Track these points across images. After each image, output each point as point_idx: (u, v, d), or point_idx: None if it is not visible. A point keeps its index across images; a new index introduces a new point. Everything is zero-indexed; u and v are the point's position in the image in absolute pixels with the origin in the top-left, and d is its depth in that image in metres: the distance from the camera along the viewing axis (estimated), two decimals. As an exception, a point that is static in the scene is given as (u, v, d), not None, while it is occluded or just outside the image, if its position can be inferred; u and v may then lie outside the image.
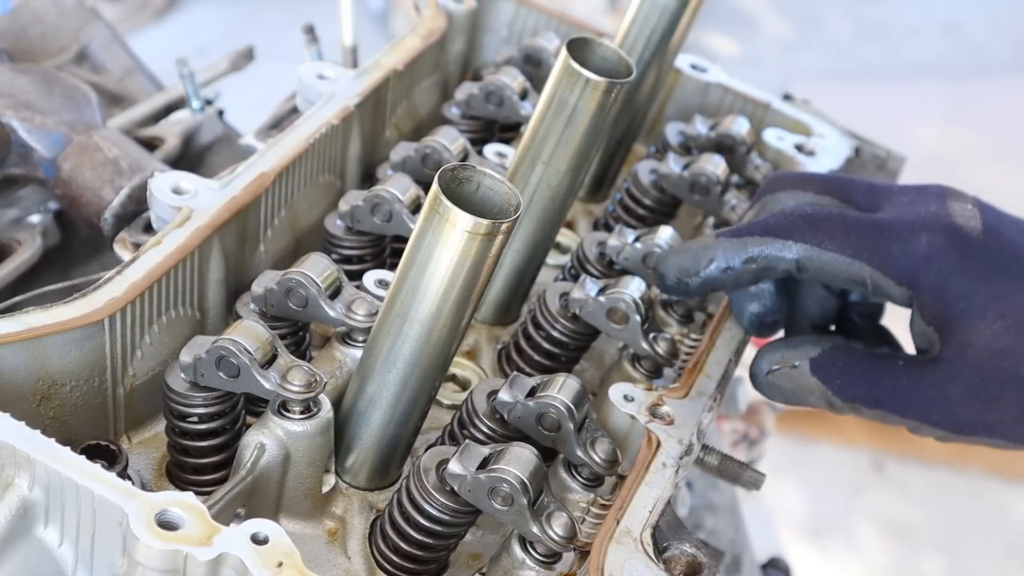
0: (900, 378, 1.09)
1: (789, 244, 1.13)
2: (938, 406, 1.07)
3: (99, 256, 1.50)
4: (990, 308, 1.08)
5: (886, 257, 1.11)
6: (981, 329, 1.07)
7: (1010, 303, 1.08)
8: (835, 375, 1.11)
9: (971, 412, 1.06)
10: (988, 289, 1.08)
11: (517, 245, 1.26)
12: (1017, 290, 1.08)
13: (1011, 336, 1.06)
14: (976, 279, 1.09)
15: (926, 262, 1.10)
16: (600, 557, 0.97)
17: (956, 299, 1.08)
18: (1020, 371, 1.05)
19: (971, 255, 1.10)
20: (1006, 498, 3.94)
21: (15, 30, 1.65)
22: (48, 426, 1.05)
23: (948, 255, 1.10)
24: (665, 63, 1.41)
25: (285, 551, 0.86)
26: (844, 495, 3.92)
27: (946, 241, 1.10)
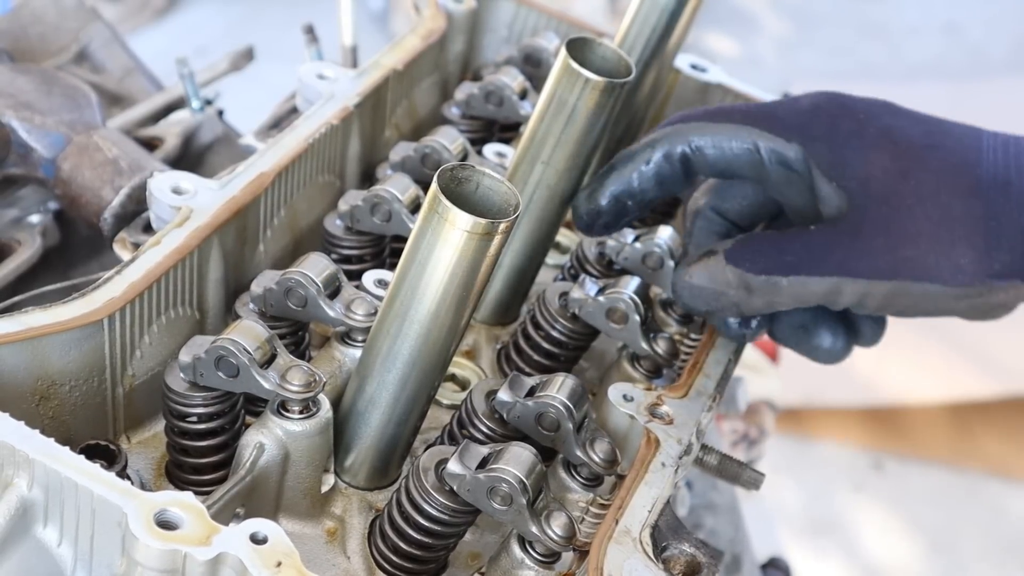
0: (811, 239, 1.09)
1: (679, 127, 1.14)
2: (853, 254, 1.06)
3: (99, 256, 1.50)
4: (883, 139, 1.08)
5: (773, 120, 1.12)
6: (877, 158, 1.07)
7: (901, 134, 1.09)
8: (747, 256, 1.11)
9: (886, 249, 1.05)
10: (878, 126, 1.09)
11: (517, 245, 1.26)
12: (907, 125, 1.10)
13: (908, 158, 1.07)
14: (863, 120, 1.10)
15: (812, 114, 1.11)
16: (599, 557, 0.97)
17: (847, 136, 1.09)
18: (923, 189, 1.05)
19: (855, 105, 1.12)
20: (1006, 498, 3.94)
21: (15, 30, 1.65)
22: (47, 426, 1.05)
23: (832, 105, 1.12)
24: (665, 63, 1.41)
25: (284, 551, 0.86)
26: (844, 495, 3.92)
27: (829, 98, 1.13)
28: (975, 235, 1.04)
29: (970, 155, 1.07)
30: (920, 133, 1.10)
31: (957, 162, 1.07)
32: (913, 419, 3.96)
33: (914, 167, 1.07)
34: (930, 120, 1.12)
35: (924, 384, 3.90)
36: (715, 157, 1.14)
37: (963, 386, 3.88)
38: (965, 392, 3.87)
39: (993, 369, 3.90)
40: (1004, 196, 1.04)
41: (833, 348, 1.17)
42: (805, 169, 1.11)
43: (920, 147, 1.08)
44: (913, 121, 1.11)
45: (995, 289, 1.05)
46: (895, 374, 3.93)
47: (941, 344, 3.96)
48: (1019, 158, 1.06)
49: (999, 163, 1.06)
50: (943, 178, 1.06)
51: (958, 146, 1.08)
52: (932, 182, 1.06)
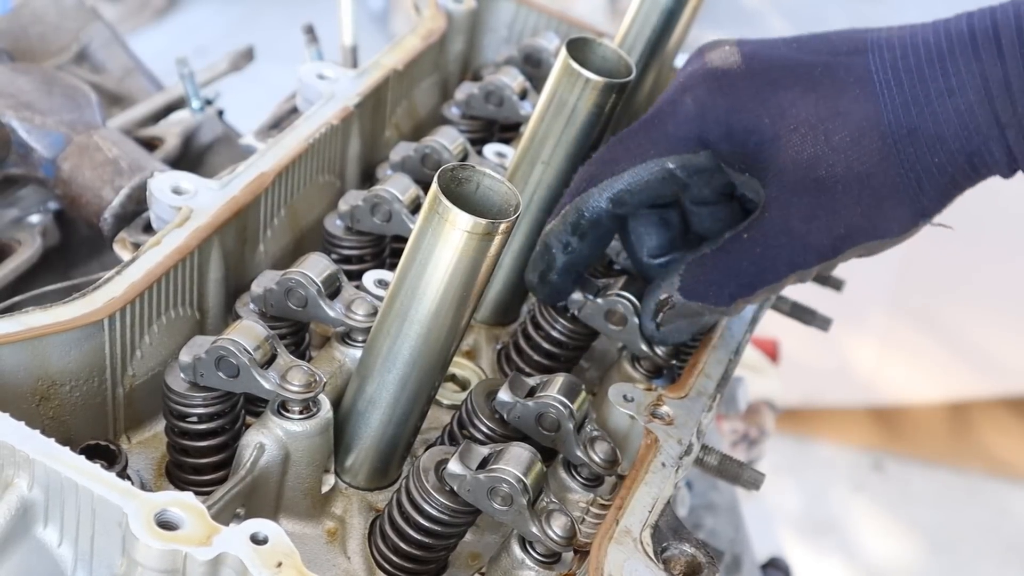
0: (752, 250, 1.09)
1: (592, 192, 1.13)
2: (794, 248, 1.07)
3: (99, 256, 1.50)
4: (779, 126, 1.07)
5: (668, 139, 1.11)
6: (782, 151, 1.06)
7: (795, 113, 1.07)
8: (703, 289, 1.12)
9: (822, 234, 1.07)
10: (768, 111, 1.07)
11: (517, 245, 1.26)
12: (795, 98, 1.07)
13: (811, 143, 1.06)
14: (753, 109, 1.08)
15: (702, 119, 1.09)
16: (600, 557, 0.97)
17: (745, 134, 1.08)
18: (837, 171, 1.05)
19: (739, 89, 1.09)
20: (1006, 498, 3.94)
21: (15, 30, 1.65)
22: (48, 426, 1.05)
23: (717, 101, 1.09)
24: (665, 63, 1.41)
25: (284, 551, 0.86)
26: (844, 495, 3.92)
27: (710, 89, 1.09)
28: (898, 190, 1.05)
29: (868, 108, 1.05)
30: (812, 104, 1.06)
31: (858, 126, 1.05)
32: (913, 419, 3.96)
33: (820, 152, 1.06)
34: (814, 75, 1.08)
35: (924, 384, 3.90)
36: (637, 197, 1.13)
37: (963, 386, 3.88)
38: (965, 392, 3.86)
39: (993, 369, 3.90)
40: (913, 144, 1.05)
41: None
42: (718, 169, 1.12)
43: (816, 122, 1.06)
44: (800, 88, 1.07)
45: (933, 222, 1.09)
46: (895, 374, 3.93)
47: (941, 344, 3.96)
48: (914, 92, 1.05)
49: (898, 107, 1.05)
50: (851, 152, 1.05)
51: (853, 103, 1.06)
52: (842, 160, 1.05)
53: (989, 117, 1.04)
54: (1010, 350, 3.90)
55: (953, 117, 1.04)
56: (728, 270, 1.11)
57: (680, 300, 1.13)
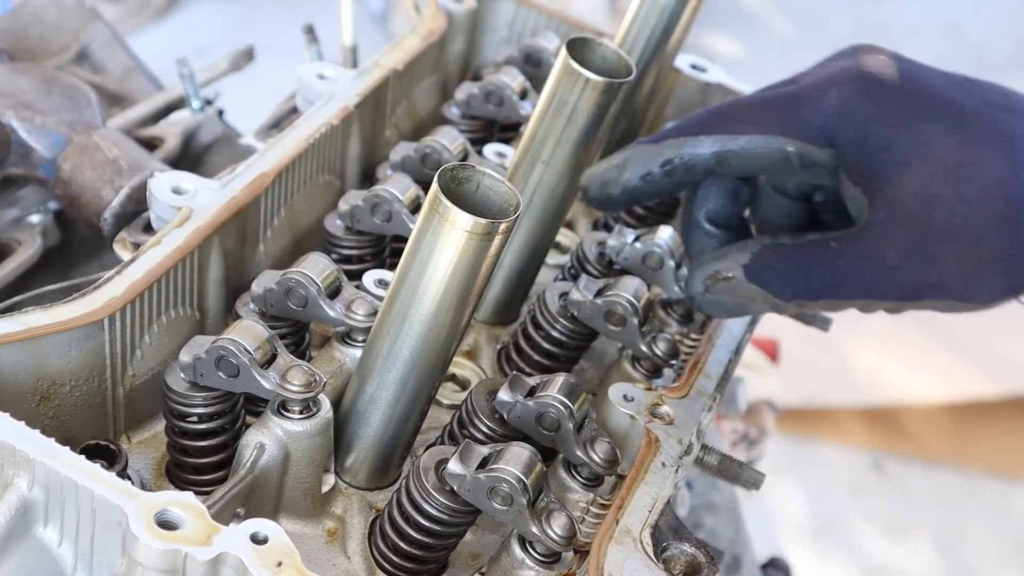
0: (835, 260, 1.05)
1: (701, 139, 1.10)
2: (879, 277, 1.03)
3: (99, 256, 1.50)
4: (913, 155, 1.03)
5: (800, 123, 1.07)
6: (907, 180, 1.03)
7: (933, 147, 1.03)
8: (770, 277, 1.08)
9: (913, 275, 1.02)
10: (908, 135, 1.03)
11: (517, 245, 1.26)
12: (939, 134, 1.03)
13: (938, 183, 1.02)
14: (895, 127, 1.04)
15: (841, 117, 1.06)
16: (600, 557, 0.97)
17: (877, 150, 1.04)
18: (953, 220, 1.01)
19: (887, 102, 1.05)
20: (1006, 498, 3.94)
21: (15, 30, 1.65)
22: (48, 426, 1.05)
23: (863, 106, 1.05)
24: (665, 63, 1.41)
25: (284, 551, 0.86)
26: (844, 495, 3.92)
27: (858, 91, 1.06)
28: (1002, 261, 1.01)
29: (1004, 171, 1.02)
30: (953, 145, 1.03)
31: (989, 183, 1.02)
32: (913, 419, 3.96)
33: (944, 195, 1.02)
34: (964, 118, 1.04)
35: (924, 384, 3.90)
36: (741, 166, 1.10)
37: (963, 386, 3.88)
38: (965, 392, 3.87)
39: (993, 369, 3.90)
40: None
41: None
42: (833, 172, 1.08)
43: (952, 165, 1.02)
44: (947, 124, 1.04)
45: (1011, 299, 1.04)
46: (895, 374, 3.93)
47: (941, 344, 3.96)
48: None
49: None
50: (973, 207, 1.01)
51: (992, 161, 1.02)
52: (962, 212, 1.01)
53: None
54: (1010, 350, 3.90)
55: None
56: (803, 268, 1.06)
57: (741, 278, 1.08)
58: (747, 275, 1.08)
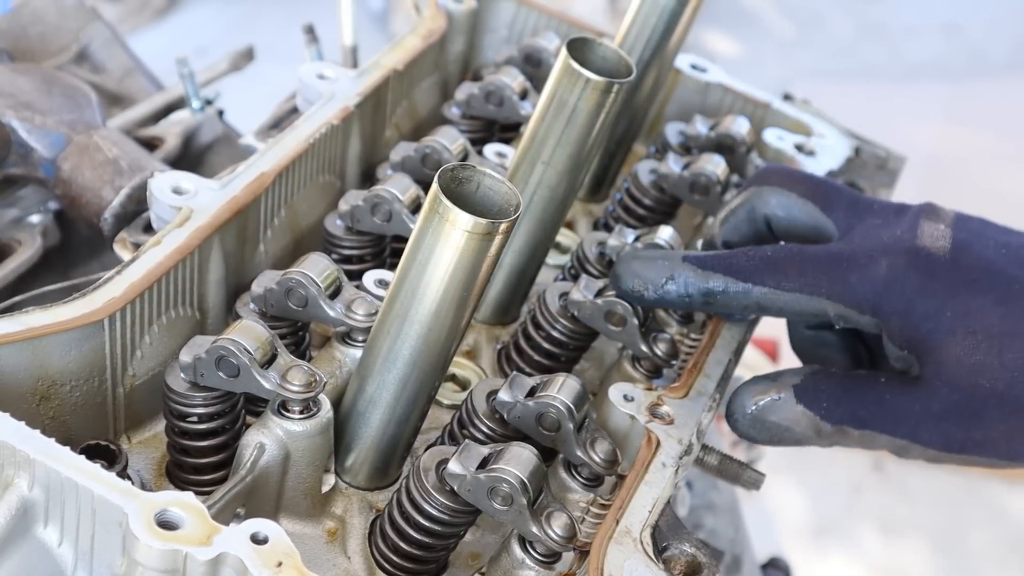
0: (884, 395, 1.07)
1: (749, 287, 1.12)
2: (924, 423, 1.06)
3: (99, 256, 1.50)
4: (959, 325, 1.06)
5: (845, 288, 1.10)
6: (952, 348, 1.05)
7: (979, 318, 1.06)
8: (820, 399, 1.09)
9: (958, 429, 1.05)
10: (955, 306, 1.06)
11: (517, 245, 1.26)
12: (986, 305, 1.06)
13: (983, 352, 1.05)
14: (941, 297, 1.07)
15: (888, 287, 1.08)
16: (600, 557, 0.97)
17: (922, 320, 1.07)
18: (998, 387, 1.04)
19: (935, 275, 1.08)
20: (1006, 498, 3.94)
21: (15, 30, 1.65)
22: (48, 426, 1.05)
23: (910, 277, 1.08)
24: (665, 63, 1.41)
25: (285, 551, 0.86)
26: (844, 495, 3.92)
27: (908, 263, 1.08)
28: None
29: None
30: (998, 318, 1.06)
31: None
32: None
33: (988, 362, 1.04)
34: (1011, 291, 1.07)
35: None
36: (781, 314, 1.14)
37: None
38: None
39: None
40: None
41: None
42: (876, 333, 1.11)
43: (997, 335, 1.05)
44: (995, 295, 1.06)
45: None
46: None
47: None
48: None
49: None
50: (1017, 374, 1.04)
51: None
52: (1006, 378, 1.04)
53: None
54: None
55: None
56: (854, 395, 1.08)
57: (790, 398, 1.09)
58: (796, 396, 1.09)
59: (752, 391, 1.11)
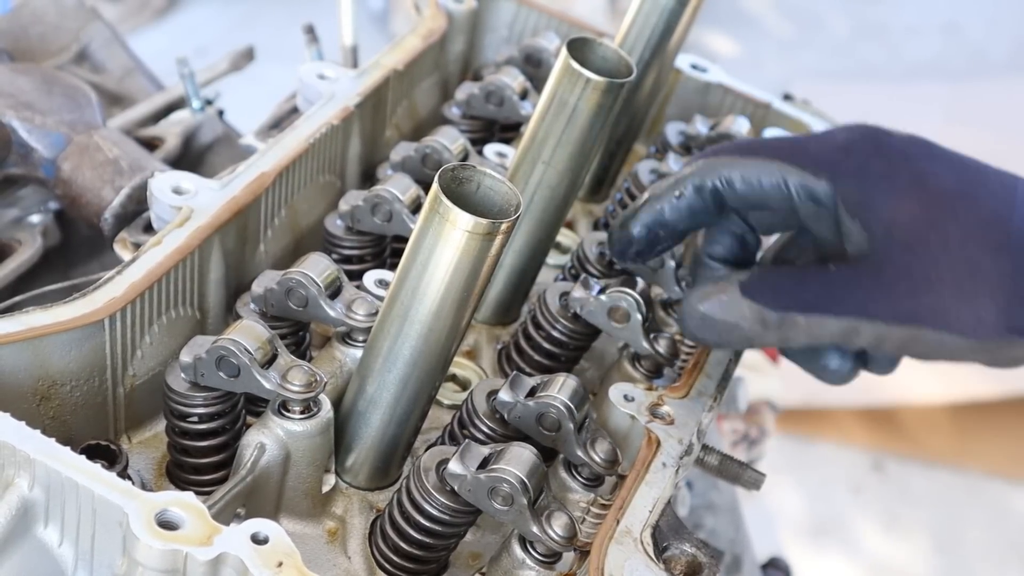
0: (831, 277, 1.07)
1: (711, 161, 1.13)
2: (873, 296, 1.04)
3: (99, 256, 1.50)
4: (914, 185, 1.06)
5: (804, 153, 1.11)
6: (906, 204, 1.05)
7: (934, 181, 1.06)
8: (765, 290, 1.08)
9: (907, 295, 1.03)
10: (910, 168, 1.07)
11: (517, 245, 1.26)
12: (941, 172, 1.07)
13: (938, 208, 1.04)
14: (897, 162, 1.07)
15: (845, 151, 1.09)
16: (600, 557, 0.97)
17: (878, 178, 1.07)
18: (950, 242, 1.02)
19: (891, 143, 1.09)
20: (1006, 498, 3.94)
21: (15, 30, 1.65)
22: (48, 426, 1.05)
23: (867, 143, 1.10)
24: (665, 63, 1.41)
25: (285, 551, 0.86)
26: (844, 495, 3.92)
27: (865, 134, 1.10)
28: (999, 290, 1.02)
29: (1003, 208, 1.04)
30: (954, 180, 1.06)
31: (989, 214, 1.04)
32: (913, 419, 3.96)
33: (943, 217, 1.04)
34: (966, 165, 1.09)
35: (924, 384, 3.90)
36: (744, 191, 1.12)
37: (963, 386, 3.88)
38: (965, 392, 3.86)
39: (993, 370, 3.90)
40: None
41: (840, 370, 1.14)
42: (832, 205, 1.10)
43: (952, 195, 1.05)
44: (948, 166, 1.08)
45: (1013, 344, 1.03)
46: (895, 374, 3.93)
47: (941, 344, 3.95)
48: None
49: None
50: (972, 230, 1.03)
51: (992, 197, 1.05)
52: (960, 234, 1.03)
53: None
54: (1010, 350, 3.89)
55: None
56: (795, 282, 1.08)
57: (736, 293, 1.09)
58: (742, 290, 1.09)
59: (700, 292, 1.11)
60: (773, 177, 1.11)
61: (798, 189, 1.11)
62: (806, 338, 1.07)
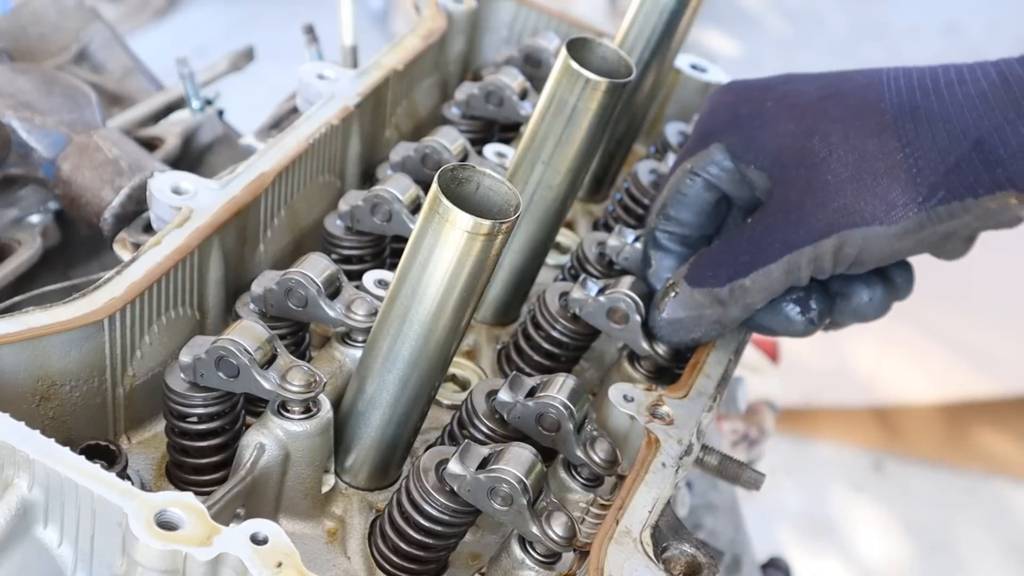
0: (753, 231, 1.10)
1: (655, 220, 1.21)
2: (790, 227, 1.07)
3: (99, 256, 1.50)
4: (780, 107, 1.11)
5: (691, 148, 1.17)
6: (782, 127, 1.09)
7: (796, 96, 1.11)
8: (705, 272, 1.13)
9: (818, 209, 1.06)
10: (773, 95, 1.12)
11: (517, 245, 1.26)
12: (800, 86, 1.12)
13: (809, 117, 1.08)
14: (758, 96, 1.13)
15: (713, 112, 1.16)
16: (600, 557, 0.97)
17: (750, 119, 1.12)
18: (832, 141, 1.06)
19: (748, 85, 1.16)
20: (1006, 498, 3.94)
21: (15, 30, 1.65)
22: (48, 426, 1.05)
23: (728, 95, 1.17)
24: (665, 63, 1.41)
25: (285, 551, 0.86)
26: (844, 495, 3.92)
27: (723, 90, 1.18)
28: (896, 168, 1.03)
29: (871, 94, 1.07)
30: (815, 88, 1.11)
31: (858, 103, 1.07)
32: (913, 419, 3.96)
33: (817, 122, 1.07)
34: (827, 75, 1.14)
35: (924, 384, 3.90)
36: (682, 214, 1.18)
37: (962, 386, 3.88)
38: (965, 392, 3.86)
39: (992, 369, 3.90)
40: (914, 121, 1.03)
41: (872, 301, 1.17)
42: (732, 163, 1.14)
43: (817, 100, 1.09)
44: (808, 80, 1.13)
45: (932, 218, 1.03)
46: (894, 374, 3.93)
47: (940, 344, 3.96)
48: (922, 81, 1.05)
49: (903, 92, 1.06)
50: (848, 123, 1.06)
51: (857, 89, 1.09)
52: (838, 130, 1.06)
53: (1004, 102, 1.00)
54: (1009, 350, 3.90)
55: (961, 100, 1.02)
56: (728, 252, 1.12)
57: (685, 288, 1.15)
58: (688, 282, 1.15)
59: (657, 300, 1.17)
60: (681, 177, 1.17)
61: (702, 169, 1.15)
62: (761, 295, 1.11)
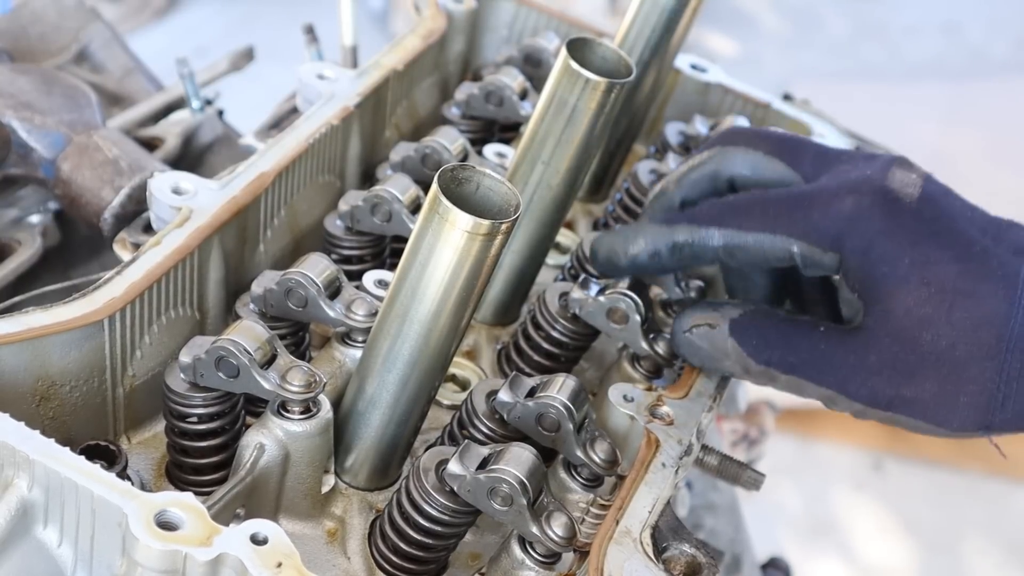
0: (819, 344, 1.07)
1: (712, 232, 1.12)
2: (855, 375, 1.05)
3: (99, 256, 1.50)
4: (914, 274, 1.04)
5: (808, 225, 1.08)
6: (903, 296, 1.04)
7: (935, 271, 1.04)
8: (752, 337, 1.09)
9: (889, 384, 1.04)
10: (914, 254, 1.05)
11: (517, 245, 1.26)
12: (944, 259, 1.05)
13: (933, 306, 1.03)
14: (902, 243, 1.05)
15: (851, 224, 1.07)
16: (600, 557, 0.97)
17: (879, 262, 1.05)
18: (939, 344, 1.02)
19: (900, 219, 1.06)
20: (1006, 498, 3.94)
21: (15, 30, 1.65)
22: (48, 426, 1.05)
23: (875, 217, 1.06)
24: (665, 63, 1.41)
25: (284, 551, 0.86)
26: (844, 495, 3.92)
27: (874, 203, 1.07)
28: (981, 395, 1.02)
29: (1001, 308, 1.03)
30: (955, 274, 1.04)
31: (984, 316, 1.02)
32: (913, 419, 3.96)
33: (936, 317, 1.03)
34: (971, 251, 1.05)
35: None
36: (747, 259, 1.12)
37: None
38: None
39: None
40: (1022, 359, 1.02)
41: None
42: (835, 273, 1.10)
43: (950, 292, 1.03)
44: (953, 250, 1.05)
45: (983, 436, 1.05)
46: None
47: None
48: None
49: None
50: (963, 335, 1.02)
51: (990, 295, 1.03)
52: (951, 336, 1.02)
53: None
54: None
55: None
56: (786, 339, 1.08)
57: (724, 330, 1.11)
58: (730, 329, 1.11)
59: (694, 315, 1.13)
60: (778, 249, 1.10)
61: (803, 259, 1.09)
62: (785, 390, 1.10)
